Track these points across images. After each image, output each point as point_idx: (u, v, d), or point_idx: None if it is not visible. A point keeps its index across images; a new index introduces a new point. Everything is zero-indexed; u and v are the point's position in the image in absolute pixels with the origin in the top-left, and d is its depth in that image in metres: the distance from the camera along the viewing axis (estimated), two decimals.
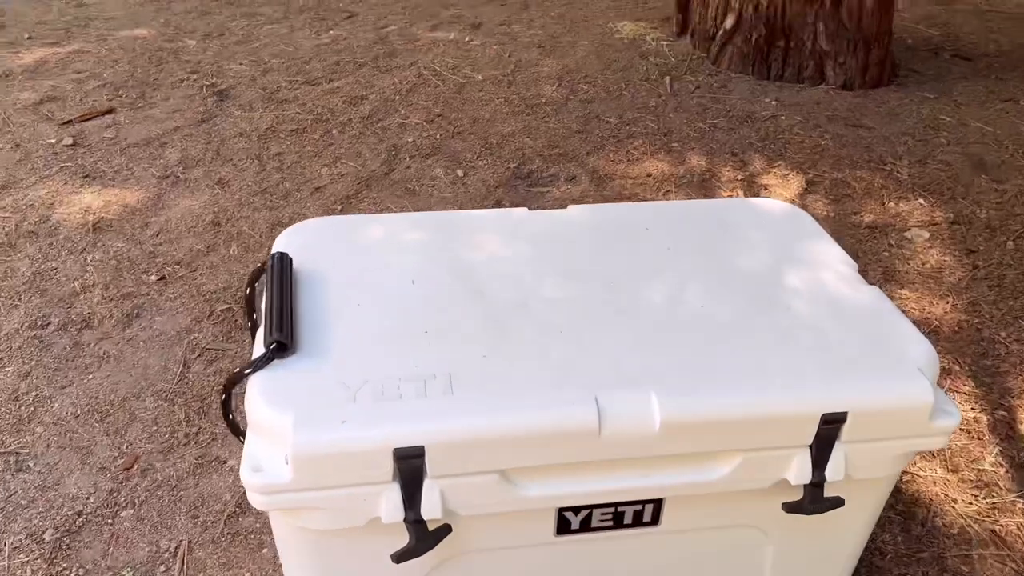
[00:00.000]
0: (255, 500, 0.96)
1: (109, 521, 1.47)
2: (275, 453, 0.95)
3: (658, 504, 1.09)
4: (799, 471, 1.04)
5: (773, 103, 3.22)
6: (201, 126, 2.91)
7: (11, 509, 1.49)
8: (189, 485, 1.54)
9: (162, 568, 1.39)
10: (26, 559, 1.40)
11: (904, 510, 1.54)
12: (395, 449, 0.93)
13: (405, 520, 0.98)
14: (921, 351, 1.08)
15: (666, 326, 1.12)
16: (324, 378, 1.00)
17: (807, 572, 1.23)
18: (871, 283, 1.22)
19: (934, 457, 1.64)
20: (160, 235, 2.28)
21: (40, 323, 1.95)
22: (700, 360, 1.05)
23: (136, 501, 1.51)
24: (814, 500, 1.07)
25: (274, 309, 1.06)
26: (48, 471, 1.56)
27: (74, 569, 1.38)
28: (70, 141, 2.77)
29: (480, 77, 3.37)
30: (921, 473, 1.61)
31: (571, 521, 1.09)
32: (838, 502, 1.08)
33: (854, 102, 3.26)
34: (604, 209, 1.39)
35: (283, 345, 1.02)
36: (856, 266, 1.25)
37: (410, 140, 2.84)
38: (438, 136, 2.88)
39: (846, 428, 1.02)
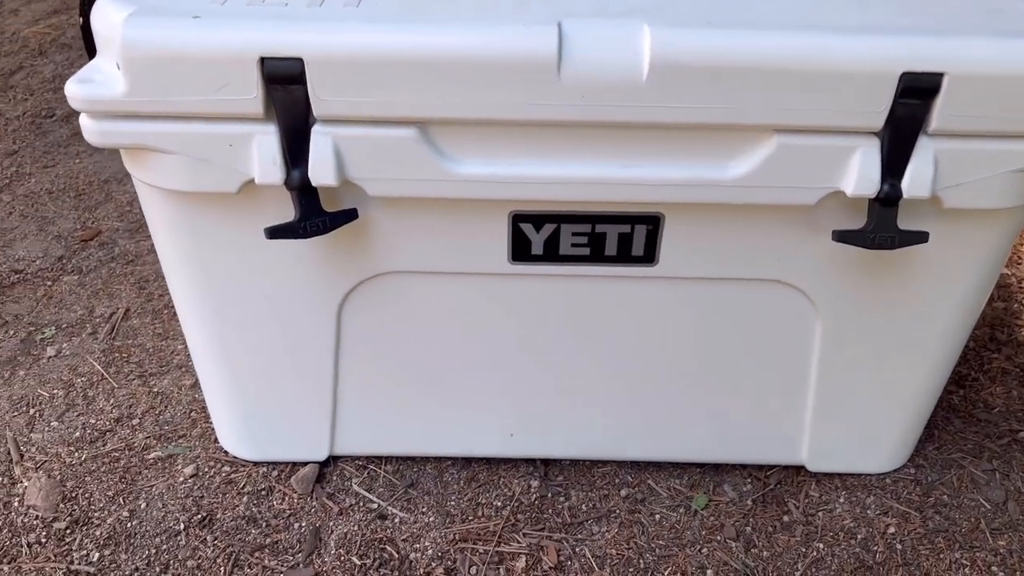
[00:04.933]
0: (88, 129, 0.71)
1: (48, 283, 1.28)
2: (114, 64, 0.70)
3: (653, 227, 0.78)
4: (862, 175, 0.70)
5: None
6: None
7: None
8: (147, 262, 1.34)
9: (88, 330, 1.19)
10: None
11: None
12: (263, 58, 0.66)
13: (287, 184, 0.72)
14: None
15: None
16: None
17: (874, 373, 0.88)
18: None
19: None
20: None
21: (45, 113, 1.80)
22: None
23: (84, 268, 1.32)
24: (882, 227, 0.73)
25: None
26: (2, 235, 1.39)
27: None
28: None
29: None
30: None
31: (532, 241, 0.79)
32: (919, 236, 0.74)
33: None
34: None
35: None
36: None
37: None
38: None
39: (940, 106, 0.67)
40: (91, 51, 0.77)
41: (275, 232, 0.73)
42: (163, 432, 1.02)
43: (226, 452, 0.98)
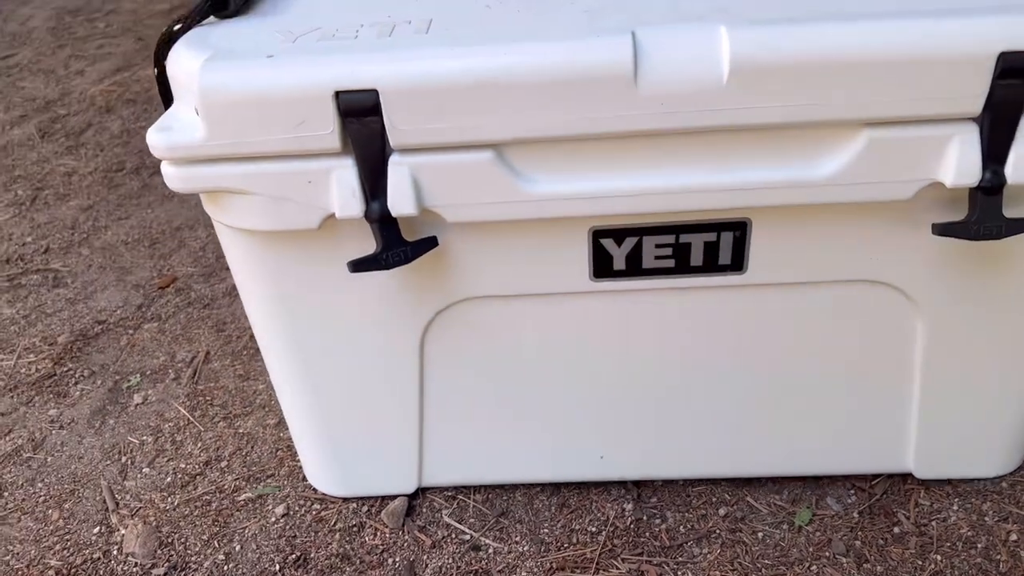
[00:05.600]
0: (169, 176, 0.72)
1: (130, 331, 1.31)
2: (191, 111, 0.71)
3: (740, 233, 0.75)
4: (961, 163, 0.67)
5: None
6: None
7: (35, 316, 1.36)
8: (223, 304, 1.36)
9: (171, 375, 1.20)
10: (33, 359, 1.26)
11: None
12: (338, 92, 0.66)
13: (367, 217, 0.71)
14: None
15: None
16: (266, 29, 0.75)
17: (983, 373, 0.84)
18: None
19: None
20: None
21: (115, 167, 1.86)
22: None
23: (163, 315, 1.34)
24: (986, 216, 0.69)
25: None
26: (83, 287, 1.43)
27: (79, 370, 1.23)
28: None
29: None
30: None
31: (613, 256, 0.77)
32: None
33: None
34: None
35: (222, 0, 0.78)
36: None
37: None
38: None
39: None
40: (166, 99, 0.79)
41: (358, 265, 0.72)
42: (251, 473, 1.02)
43: (315, 490, 0.98)
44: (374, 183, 0.70)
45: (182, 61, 0.71)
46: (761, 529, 0.90)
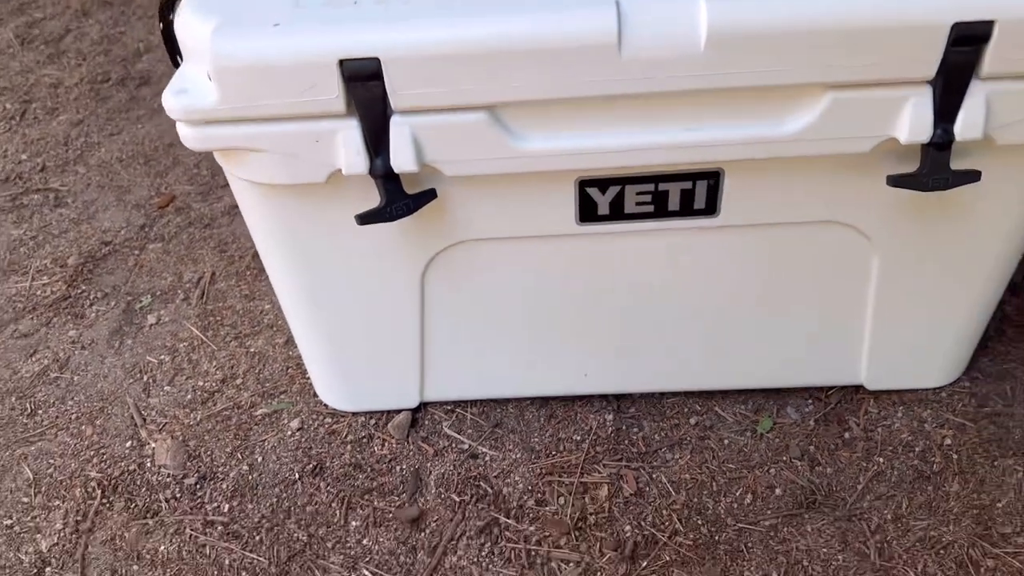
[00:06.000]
0: (186, 136, 0.77)
1: (136, 252, 1.37)
2: (203, 74, 0.76)
3: (714, 181, 0.82)
4: (915, 122, 0.73)
5: None
6: None
7: (42, 238, 1.41)
8: (223, 224, 1.42)
9: (181, 296, 1.28)
10: (47, 281, 1.32)
11: None
12: (342, 60, 0.71)
13: (371, 173, 0.77)
14: None
15: None
16: None
17: (928, 299, 0.93)
18: None
19: None
20: None
21: (100, 78, 1.86)
22: None
23: (166, 235, 1.40)
24: (936, 169, 0.76)
25: None
26: (84, 207, 1.48)
27: (92, 292, 1.30)
28: None
29: None
30: None
31: (598, 203, 0.84)
32: (972, 176, 0.77)
33: None
34: None
35: None
36: None
37: None
38: None
39: (991, 51, 0.70)
40: (172, 53, 0.83)
41: (366, 218, 0.79)
42: (265, 389, 1.12)
43: (326, 405, 1.08)
44: (377, 142, 0.76)
45: (191, 25, 0.75)
46: (727, 436, 1.01)
